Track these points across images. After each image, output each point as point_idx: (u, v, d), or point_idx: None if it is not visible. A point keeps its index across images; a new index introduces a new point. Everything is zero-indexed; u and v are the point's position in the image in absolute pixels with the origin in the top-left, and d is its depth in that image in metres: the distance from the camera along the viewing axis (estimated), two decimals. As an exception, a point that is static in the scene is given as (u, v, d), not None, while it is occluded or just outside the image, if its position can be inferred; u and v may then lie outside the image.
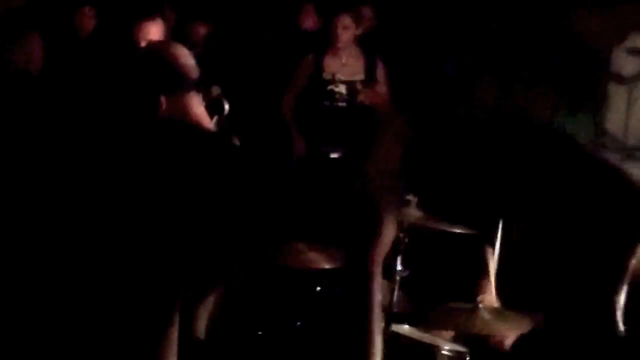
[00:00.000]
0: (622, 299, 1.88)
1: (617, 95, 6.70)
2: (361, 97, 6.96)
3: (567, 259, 1.92)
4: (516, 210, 4.56)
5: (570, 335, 1.97)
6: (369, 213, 3.29)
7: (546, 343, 2.41)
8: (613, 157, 6.43)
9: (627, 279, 1.82)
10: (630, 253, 1.78)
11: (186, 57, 3.74)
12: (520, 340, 4.28)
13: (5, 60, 6.14)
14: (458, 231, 4.74)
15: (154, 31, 5.70)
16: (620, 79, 6.69)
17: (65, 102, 6.05)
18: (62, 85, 6.43)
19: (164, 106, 3.63)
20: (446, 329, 4.78)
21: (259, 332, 5.00)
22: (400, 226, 4.67)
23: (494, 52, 7.12)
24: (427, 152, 6.83)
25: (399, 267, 4.61)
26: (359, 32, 7.07)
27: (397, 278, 4.61)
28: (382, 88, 7.09)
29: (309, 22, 7.53)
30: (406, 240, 4.67)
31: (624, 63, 6.67)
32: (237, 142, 5.03)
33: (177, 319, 3.26)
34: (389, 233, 3.03)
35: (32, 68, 6.41)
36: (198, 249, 3.39)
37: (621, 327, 1.75)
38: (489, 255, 4.71)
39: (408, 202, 4.78)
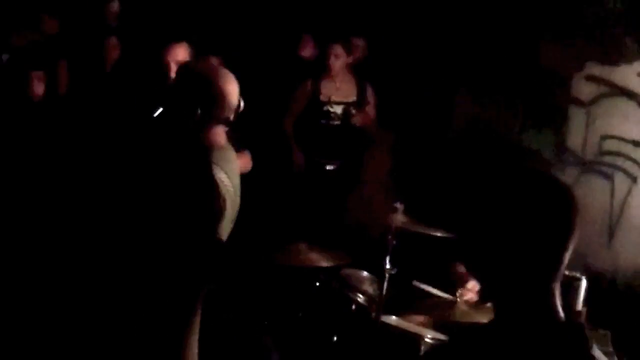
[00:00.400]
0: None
1: (577, 116, 6.83)
2: (354, 118, 7.15)
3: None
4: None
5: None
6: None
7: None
8: (573, 170, 6.79)
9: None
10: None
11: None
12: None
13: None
14: (439, 234, 4.93)
15: (182, 54, 5.46)
16: (579, 102, 6.82)
17: (92, 127, 5.81)
18: (89, 110, 6.30)
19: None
20: (429, 318, 4.94)
21: (265, 322, 5.09)
22: (389, 230, 4.81)
23: (471, 77, 7.26)
24: (412, 164, 7.15)
25: (388, 266, 4.71)
26: (350, 60, 7.23)
27: (387, 275, 4.71)
28: (371, 109, 7.30)
29: (307, 51, 7.68)
30: (394, 242, 4.76)
31: (582, 88, 6.79)
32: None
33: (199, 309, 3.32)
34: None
35: (59, 93, 6.49)
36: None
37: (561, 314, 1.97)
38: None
39: (395, 209, 4.92)
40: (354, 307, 4.99)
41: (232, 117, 3.52)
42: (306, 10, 8.10)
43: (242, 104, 3.62)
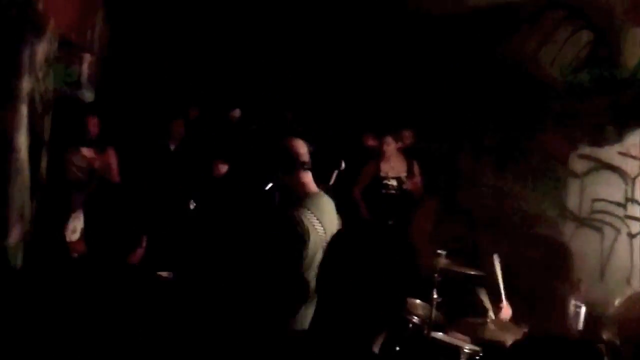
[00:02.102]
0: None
1: (573, 184, 6.88)
2: (406, 186, 7.45)
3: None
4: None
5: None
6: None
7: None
8: (571, 225, 6.84)
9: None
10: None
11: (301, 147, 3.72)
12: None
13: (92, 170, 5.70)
14: (473, 272, 5.02)
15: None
16: (575, 174, 6.88)
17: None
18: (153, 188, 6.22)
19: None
20: (467, 334, 4.96)
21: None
22: (434, 269, 4.88)
23: (495, 161, 7.38)
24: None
25: (435, 295, 4.80)
26: (400, 145, 7.55)
27: (434, 302, 4.79)
28: (417, 180, 7.55)
29: (371, 141, 7.92)
30: (439, 278, 4.84)
31: (577, 164, 6.85)
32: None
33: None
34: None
35: (111, 177, 6.12)
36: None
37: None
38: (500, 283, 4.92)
39: (439, 254, 5.00)
40: (410, 326, 4.99)
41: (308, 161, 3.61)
42: (369, 111, 8.32)
43: (343, 164, 3.92)
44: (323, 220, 3.54)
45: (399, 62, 8.20)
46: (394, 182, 7.49)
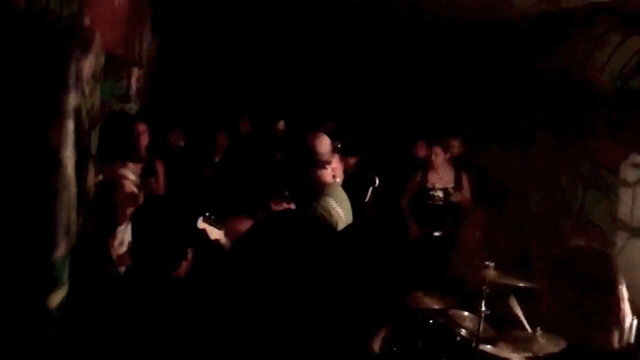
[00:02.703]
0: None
1: (625, 194, 6.75)
2: (453, 198, 7.42)
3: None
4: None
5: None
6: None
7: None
8: (623, 235, 6.67)
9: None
10: None
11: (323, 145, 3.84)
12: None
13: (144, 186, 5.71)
14: (522, 284, 4.84)
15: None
16: (627, 184, 6.75)
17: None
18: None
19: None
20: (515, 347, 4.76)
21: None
22: (483, 282, 4.76)
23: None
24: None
25: (483, 308, 4.70)
26: (448, 156, 7.52)
27: (482, 315, 4.69)
28: (466, 192, 7.52)
29: (422, 151, 7.96)
30: (487, 290, 4.73)
31: (628, 173, 6.73)
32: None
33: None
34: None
35: (158, 189, 6.27)
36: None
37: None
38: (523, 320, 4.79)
39: (488, 266, 4.86)
40: (458, 338, 4.99)
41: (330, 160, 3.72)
42: (420, 119, 8.31)
43: (377, 180, 3.80)
44: (343, 207, 3.72)
45: (447, 71, 8.17)
46: (440, 193, 7.44)
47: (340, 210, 3.68)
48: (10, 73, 3.21)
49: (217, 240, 4.57)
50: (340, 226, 3.58)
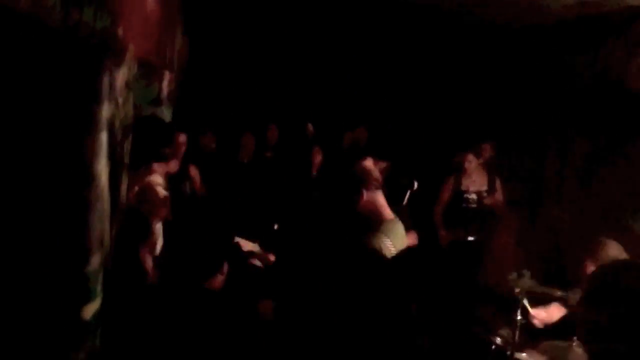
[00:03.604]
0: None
1: None
2: (486, 202, 7.40)
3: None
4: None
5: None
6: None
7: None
8: None
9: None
10: None
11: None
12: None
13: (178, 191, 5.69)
14: (559, 294, 4.89)
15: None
16: None
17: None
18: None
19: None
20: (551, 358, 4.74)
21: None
22: (519, 290, 4.71)
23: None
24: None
25: (519, 317, 4.67)
26: (481, 160, 7.53)
27: (518, 324, 4.66)
28: (499, 195, 7.49)
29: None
30: (523, 299, 4.68)
31: None
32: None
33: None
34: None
35: (197, 191, 6.27)
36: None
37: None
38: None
39: (523, 274, 4.80)
40: (493, 347, 4.95)
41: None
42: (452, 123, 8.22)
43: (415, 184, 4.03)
44: (397, 247, 3.61)
45: (481, 74, 8.09)
46: (474, 196, 7.40)
47: (392, 246, 3.59)
48: (45, 87, 3.21)
49: (250, 252, 4.57)
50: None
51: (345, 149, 7.62)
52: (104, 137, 3.37)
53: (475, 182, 7.47)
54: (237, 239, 4.52)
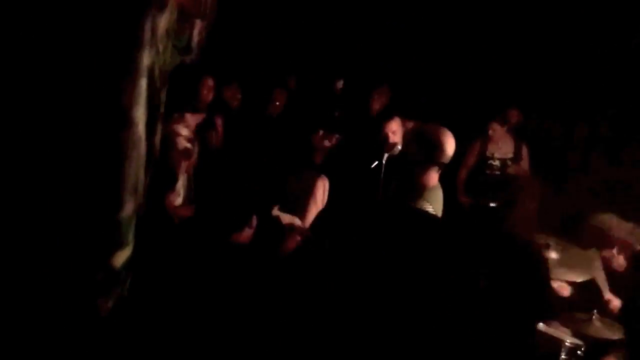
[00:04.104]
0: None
1: None
2: (509, 170, 7.32)
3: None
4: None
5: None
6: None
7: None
8: None
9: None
10: None
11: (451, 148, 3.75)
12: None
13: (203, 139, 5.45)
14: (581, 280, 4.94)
15: (395, 125, 5.54)
16: None
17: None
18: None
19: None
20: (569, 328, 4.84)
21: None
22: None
23: None
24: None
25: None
26: (507, 127, 7.47)
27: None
28: (525, 163, 7.44)
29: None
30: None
31: None
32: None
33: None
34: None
35: (217, 144, 6.18)
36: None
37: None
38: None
39: (548, 245, 5.03)
40: None
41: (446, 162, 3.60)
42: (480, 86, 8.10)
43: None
44: (437, 212, 3.68)
45: (517, 38, 7.97)
46: (497, 163, 7.35)
47: (433, 212, 3.62)
48: (87, 31, 3.18)
49: (290, 224, 4.51)
50: None
51: (373, 109, 7.53)
52: (143, 83, 3.32)
53: (501, 148, 7.42)
54: (276, 212, 4.44)
